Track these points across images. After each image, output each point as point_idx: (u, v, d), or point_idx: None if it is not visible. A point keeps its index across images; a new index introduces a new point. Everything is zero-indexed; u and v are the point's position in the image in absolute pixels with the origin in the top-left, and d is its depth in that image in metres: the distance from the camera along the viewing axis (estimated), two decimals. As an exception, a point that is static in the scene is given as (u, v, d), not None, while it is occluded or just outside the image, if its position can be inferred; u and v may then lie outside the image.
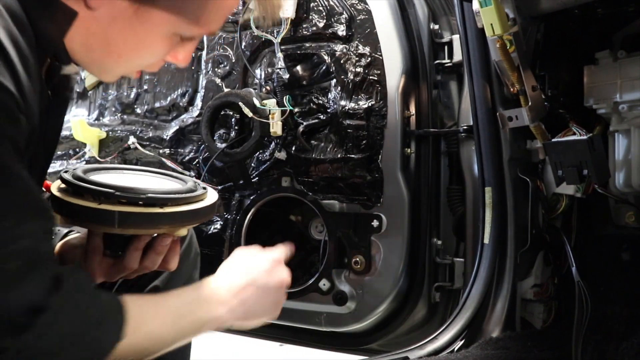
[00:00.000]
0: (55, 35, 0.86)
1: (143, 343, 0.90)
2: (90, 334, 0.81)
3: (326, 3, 1.52)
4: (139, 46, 0.89)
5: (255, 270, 1.08)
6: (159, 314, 0.94)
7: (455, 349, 1.30)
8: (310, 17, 1.54)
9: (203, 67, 1.72)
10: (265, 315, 1.10)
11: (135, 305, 0.89)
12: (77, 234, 1.12)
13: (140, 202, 0.92)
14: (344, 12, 1.51)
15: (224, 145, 1.56)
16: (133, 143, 1.79)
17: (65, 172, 0.99)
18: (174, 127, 1.75)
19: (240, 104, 1.46)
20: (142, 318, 0.90)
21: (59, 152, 1.99)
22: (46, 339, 0.76)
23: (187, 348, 1.35)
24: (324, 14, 1.52)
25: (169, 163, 1.74)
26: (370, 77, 1.47)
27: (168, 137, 1.75)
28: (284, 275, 1.11)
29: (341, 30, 1.50)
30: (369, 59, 1.48)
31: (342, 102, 1.48)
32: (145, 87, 1.84)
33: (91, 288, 0.85)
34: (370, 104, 1.46)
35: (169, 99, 1.79)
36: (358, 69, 1.48)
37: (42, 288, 0.78)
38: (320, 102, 1.52)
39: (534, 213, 1.38)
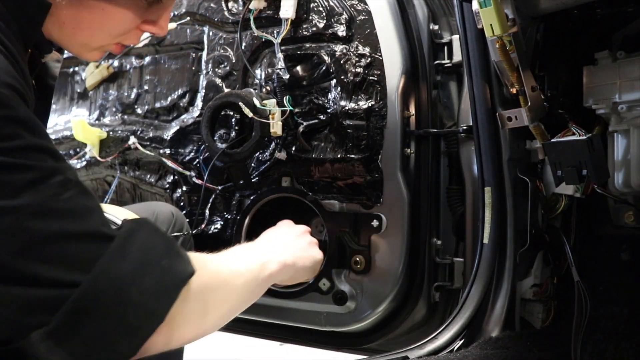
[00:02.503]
0: (34, 27, 0.88)
1: (214, 281, 0.89)
2: (165, 262, 0.78)
3: (326, 3, 1.53)
4: (103, 13, 0.90)
5: (276, 229, 1.31)
6: (220, 257, 0.97)
7: (455, 349, 1.30)
8: (310, 17, 1.54)
9: (203, 67, 1.73)
10: (313, 251, 1.29)
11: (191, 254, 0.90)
12: None
13: None
14: (344, 13, 1.51)
15: (224, 145, 1.56)
16: (133, 143, 1.80)
17: None
18: (174, 127, 1.76)
19: (241, 104, 1.46)
20: (204, 259, 0.90)
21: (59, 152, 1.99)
22: (117, 269, 0.74)
23: (180, 350, 1.36)
24: (324, 14, 1.53)
25: (169, 163, 1.74)
26: (370, 78, 1.47)
27: (168, 137, 1.75)
28: (300, 226, 1.36)
29: (341, 30, 1.51)
30: (369, 59, 1.48)
31: (342, 103, 1.49)
32: (146, 87, 1.85)
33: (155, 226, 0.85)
34: (370, 104, 1.47)
35: (169, 99, 1.79)
36: (358, 70, 1.48)
37: (104, 217, 0.78)
38: (320, 102, 1.53)
39: (534, 213, 1.38)
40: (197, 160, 1.70)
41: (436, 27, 1.54)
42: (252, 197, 1.63)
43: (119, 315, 0.73)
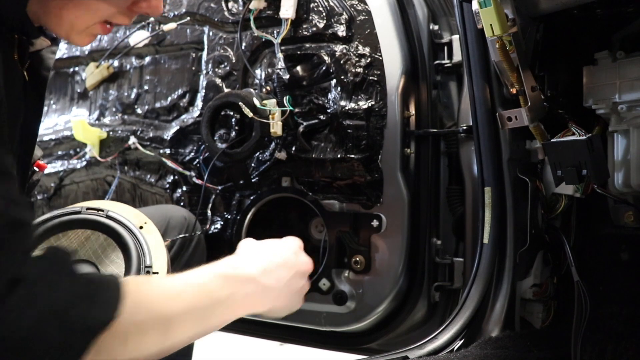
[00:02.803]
0: (16, 8, 0.84)
1: (149, 324, 0.76)
2: (74, 311, 0.67)
3: (326, 4, 1.53)
4: None
5: (285, 251, 1.04)
6: (170, 291, 0.82)
7: (455, 349, 1.30)
8: (310, 17, 1.54)
9: (203, 67, 1.73)
10: (294, 301, 1.06)
11: (137, 281, 0.79)
12: None
13: None
14: (344, 13, 1.51)
15: (224, 145, 1.56)
16: (134, 143, 1.80)
17: None
18: (174, 127, 1.76)
19: (241, 104, 1.46)
20: (146, 294, 0.78)
21: (59, 152, 2.00)
22: (19, 318, 0.63)
23: (189, 349, 1.33)
24: (324, 14, 1.53)
25: (169, 163, 1.74)
26: (370, 78, 1.48)
27: (168, 137, 1.76)
28: (308, 260, 1.09)
29: (341, 30, 1.51)
30: (369, 59, 1.48)
31: (342, 103, 1.49)
32: (146, 87, 1.85)
33: (74, 265, 0.73)
34: (370, 104, 1.47)
35: (169, 99, 1.79)
36: (358, 70, 1.48)
37: (18, 256, 0.67)
38: (320, 102, 1.53)
39: (533, 213, 1.38)
40: (197, 160, 1.70)
41: (436, 27, 1.55)
42: (252, 197, 1.63)
43: None
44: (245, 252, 1.01)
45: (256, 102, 1.47)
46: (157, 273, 1.00)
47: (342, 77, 1.49)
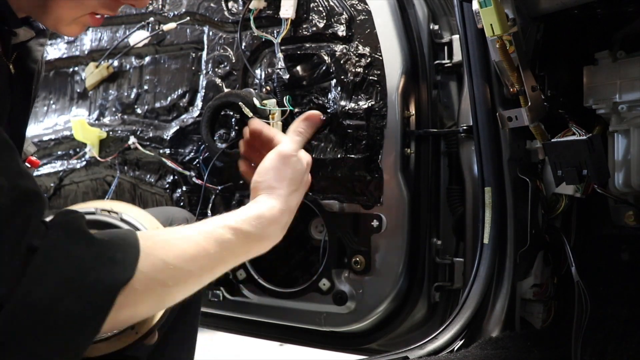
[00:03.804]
0: None
1: (167, 274, 0.78)
2: (92, 275, 0.69)
3: (326, 3, 1.53)
4: None
5: (292, 181, 1.18)
6: (183, 241, 0.84)
7: (455, 349, 1.30)
8: (310, 17, 1.54)
9: (203, 67, 1.73)
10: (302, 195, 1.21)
11: (151, 236, 0.81)
12: None
13: None
14: (344, 13, 1.51)
15: (224, 145, 1.56)
16: (133, 143, 1.80)
17: None
18: (174, 127, 1.76)
19: (241, 104, 1.46)
20: (161, 247, 0.80)
21: (59, 152, 2.00)
22: (38, 289, 0.64)
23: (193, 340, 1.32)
24: (324, 14, 1.53)
25: (169, 163, 1.74)
26: (370, 78, 1.47)
27: (168, 137, 1.75)
28: (308, 158, 1.27)
29: (341, 30, 1.51)
30: (369, 59, 1.48)
31: (342, 103, 1.49)
32: (146, 87, 1.85)
33: (87, 228, 0.75)
34: (370, 104, 1.47)
35: (169, 99, 1.79)
36: (358, 69, 1.48)
37: (32, 226, 0.68)
38: (320, 102, 1.53)
39: (534, 213, 1.38)
40: (197, 160, 1.70)
41: (436, 27, 1.54)
42: (252, 197, 1.63)
43: (37, 346, 0.64)
44: (264, 205, 1.08)
45: (256, 102, 1.47)
46: None
47: (342, 77, 1.49)
